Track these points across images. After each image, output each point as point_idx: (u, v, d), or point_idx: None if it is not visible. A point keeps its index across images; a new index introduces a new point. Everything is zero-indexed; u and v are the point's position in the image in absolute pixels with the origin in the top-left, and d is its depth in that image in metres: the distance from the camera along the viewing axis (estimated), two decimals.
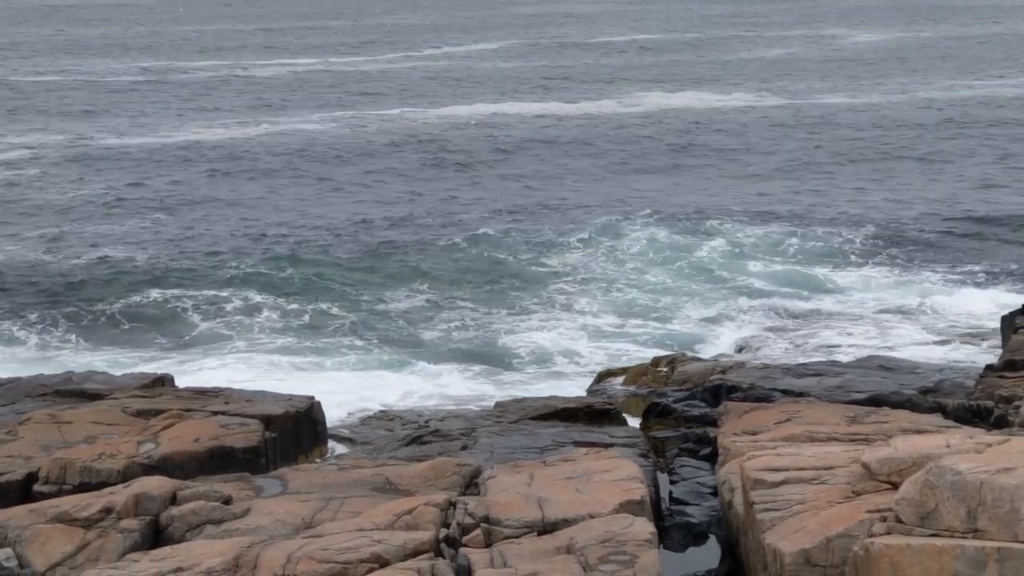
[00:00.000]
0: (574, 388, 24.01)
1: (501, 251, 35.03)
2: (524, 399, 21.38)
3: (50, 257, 35.06)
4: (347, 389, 24.12)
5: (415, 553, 12.58)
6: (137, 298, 31.07)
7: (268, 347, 27.80)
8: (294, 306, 30.45)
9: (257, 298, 30.99)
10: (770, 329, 28.02)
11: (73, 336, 28.65)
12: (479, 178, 46.38)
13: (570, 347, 27.40)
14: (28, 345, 28.09)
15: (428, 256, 34.63)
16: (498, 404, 21.25)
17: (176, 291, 31.55)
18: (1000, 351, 22.66)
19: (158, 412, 18.56)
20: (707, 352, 25.96)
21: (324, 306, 30.53)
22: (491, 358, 27.02)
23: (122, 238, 37.23)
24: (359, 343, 28.17)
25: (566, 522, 13.09)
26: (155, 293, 31.37)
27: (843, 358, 23.99)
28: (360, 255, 34.99)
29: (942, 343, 25.88)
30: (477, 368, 26.33)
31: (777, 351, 25.85)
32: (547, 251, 35.15)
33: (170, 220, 39.83)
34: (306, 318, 29.80)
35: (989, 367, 20.84)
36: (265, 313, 30.04)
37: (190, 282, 32.37)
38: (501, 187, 44.65)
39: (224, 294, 31.25)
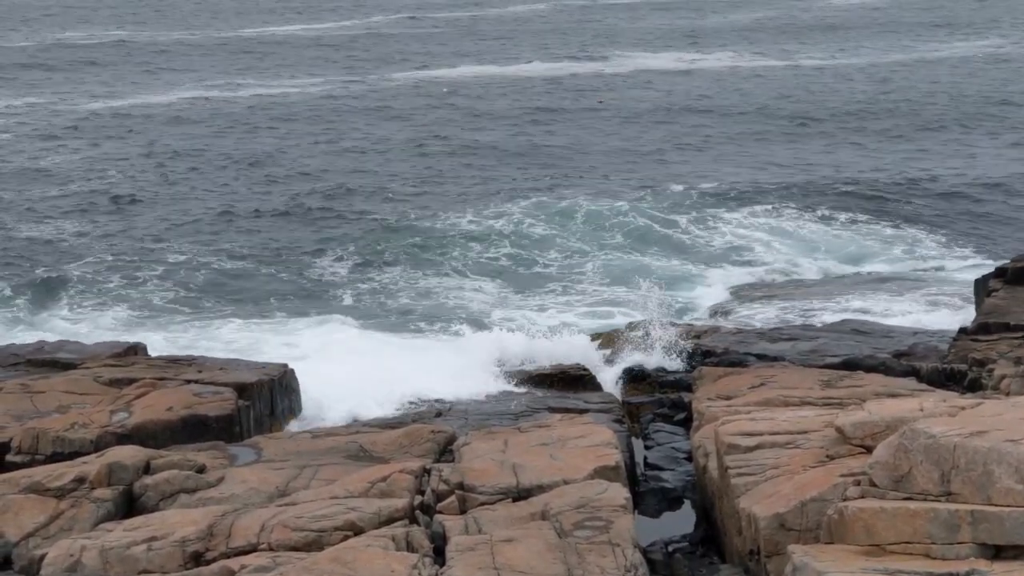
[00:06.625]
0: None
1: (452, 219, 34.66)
2: None
3: (20, 224, 34.91)
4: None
5: (390, 520, 12.57)
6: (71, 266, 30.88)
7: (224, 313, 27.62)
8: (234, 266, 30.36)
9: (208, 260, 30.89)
10: (744, 294, 28.00)
11: (45, 303, 28.37)
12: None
13: (549, 313, 27.33)
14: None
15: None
16: None
17: (130, 256, 31.41)
18: (974, 314, 22.71)
19: (131, 381, 18.51)
20: (681, 317, 25.90)
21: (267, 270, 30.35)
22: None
23: (76, 209, 37.04)
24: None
25: (540, 488, 13.09)
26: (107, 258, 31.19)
27: (817, 322, 24.01)
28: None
29: (916, 306, 25.89)
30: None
31: (751, 315, 25.83)
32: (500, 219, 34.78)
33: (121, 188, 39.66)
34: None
35: (962, 330, 20.88)
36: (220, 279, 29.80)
37: (140, 246, 32.32)
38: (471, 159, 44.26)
39: (176, 258, 31.12)
